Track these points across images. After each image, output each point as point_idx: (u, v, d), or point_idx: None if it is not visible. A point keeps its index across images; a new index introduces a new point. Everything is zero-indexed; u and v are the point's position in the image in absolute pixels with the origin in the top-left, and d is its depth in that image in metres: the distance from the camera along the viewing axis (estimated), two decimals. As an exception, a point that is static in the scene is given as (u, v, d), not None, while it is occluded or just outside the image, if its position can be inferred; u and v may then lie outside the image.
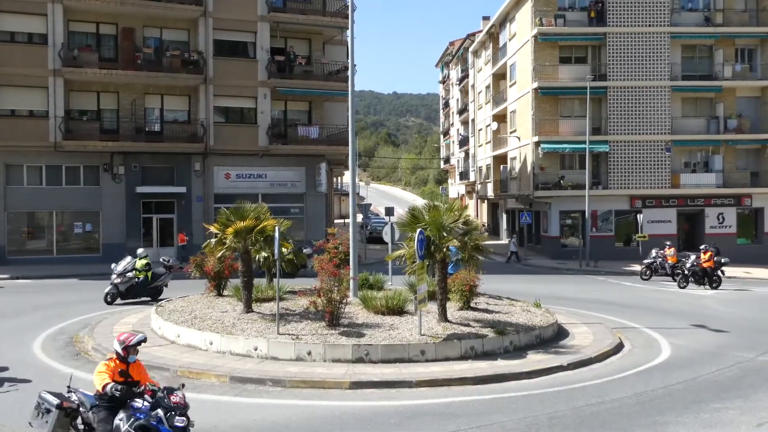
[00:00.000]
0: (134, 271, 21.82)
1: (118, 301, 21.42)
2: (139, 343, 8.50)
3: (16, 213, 32.99)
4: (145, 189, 34.20)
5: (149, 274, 22.07)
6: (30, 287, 25.77)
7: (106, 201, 33.88)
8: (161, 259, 23.68)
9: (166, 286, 22.74)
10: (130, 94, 34.21)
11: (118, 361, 8.46)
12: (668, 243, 33.15)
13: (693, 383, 13.15)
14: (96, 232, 34.14)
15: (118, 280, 21.55)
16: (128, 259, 22.29)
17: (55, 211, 33.67)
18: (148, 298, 21.98)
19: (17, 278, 28.25)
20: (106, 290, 21.49)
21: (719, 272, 28.64)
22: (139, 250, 22.78)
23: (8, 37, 32.61)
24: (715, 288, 28.23)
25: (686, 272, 28.65)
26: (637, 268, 35.30)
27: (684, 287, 28.25)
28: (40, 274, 29.06)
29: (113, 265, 21.99)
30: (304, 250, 26.11)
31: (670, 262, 31.39)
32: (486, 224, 59.85)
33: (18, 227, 33.30)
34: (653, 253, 32.59)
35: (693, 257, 29.16)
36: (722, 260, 28.76)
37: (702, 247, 29.73)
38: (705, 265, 28.42)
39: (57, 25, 32.66)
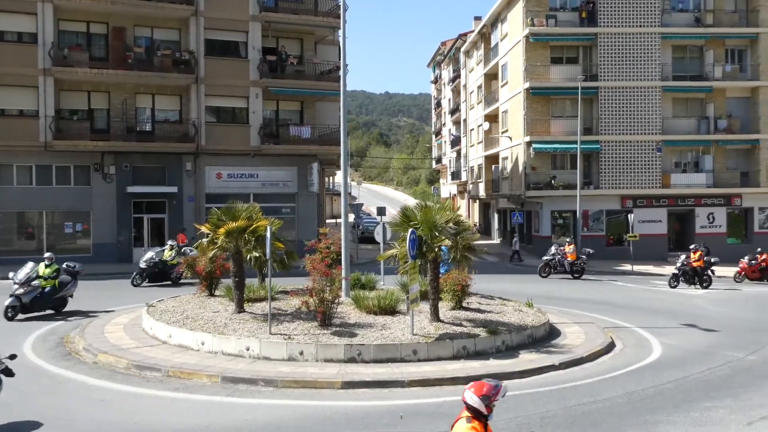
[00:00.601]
0: (39, 279, 18.97)
1: (20, 316, 18.68)
2: (503, 395, 6.21)
3: (6, 213, 32.80)
4: (136, 189, 34.07)
5: (56, 282, 19.33)
6: (20, 287, 25.56)
7: (96, 201, 33.74)
8: (65, 265, 20.26)
9: (71, 296, 20.03)
10: (121, 94, 34.06)
11: (478, 423, 6.00)
12: (568, 240, 33.25)
13: (683, 382, 13.21)
14: (87, 232, 33.99)
15: (21, 291, 18.70)
16: (30, 265, 19.32)
17: (45, 211, 33.49)
18: (52, 311, 19.47)
19: (6, 278, 28.04)
20: (6, 303, 18.57)
21: (709, 272, 28.78)
22: (47, 254, 19.89)
23: (-2, 36, 32.50)
24: (706, 287, 28.36)
25: (677, 272, 28.77)
26: (628, 267, 35.48)
27: (675, 287, 28.36)
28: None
29: (11, 274, 19.26)
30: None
31: (569, 259, 31.52)
32: (477, 224, 59.91)
33: (7, 227, 33.11)
34: (552, 249, 32.43)
35: (683, 257, 29.28)
36: (712, 260, 28.89)
37: (692, 246, 29.86)
38: (695, 264, 28.55)
39: (47, 24, 32.49)
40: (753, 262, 31.53)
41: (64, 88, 33.35)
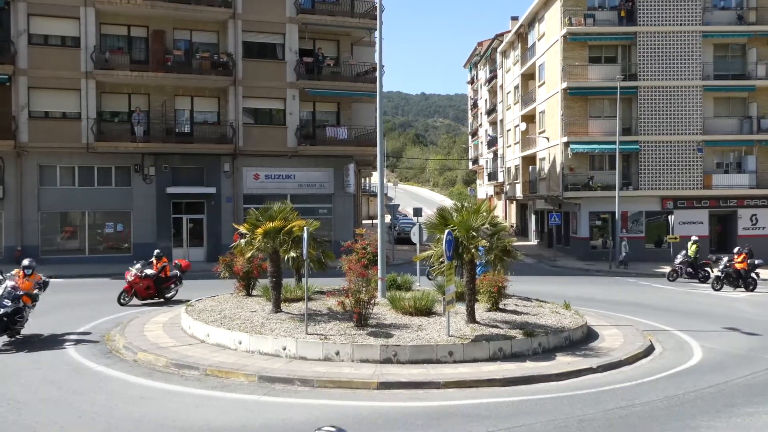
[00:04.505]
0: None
1: None
2: None
3: (50, 213, 33.53)
4: (176, 189, 34.57)
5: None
6: (62, 286, 26.10)
7: (137, 201, 34.31)
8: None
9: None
10: (161, 96, 34.61)
11: None
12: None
13: (725, 387, 12.95)
14: (127, 232, 34.58)
15: None
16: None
17: (87, 211, 34.16)
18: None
19: (50, 277, 28.61)
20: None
21: (754, 274, 28.16)
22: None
23: (42, 40, 33.19)
24: (751, 290, 27.75)
25: (720, 274, 28.23)
26: (669, 269, 34.86)
27: (718, 289, 27.83)
28: (72, 273, 29.51)
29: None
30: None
31: None
32: (514, 225, 59.56)
33: (51, 227, 33.83)
34: None
35: (725, 259, 28.73)
36: (756, 262, 28.28)
37: (736, 249, 29.27)
38: (739, 267, 27.99)
39: (89, 28, 33.15)
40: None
41: (106, 91, 33.99)
